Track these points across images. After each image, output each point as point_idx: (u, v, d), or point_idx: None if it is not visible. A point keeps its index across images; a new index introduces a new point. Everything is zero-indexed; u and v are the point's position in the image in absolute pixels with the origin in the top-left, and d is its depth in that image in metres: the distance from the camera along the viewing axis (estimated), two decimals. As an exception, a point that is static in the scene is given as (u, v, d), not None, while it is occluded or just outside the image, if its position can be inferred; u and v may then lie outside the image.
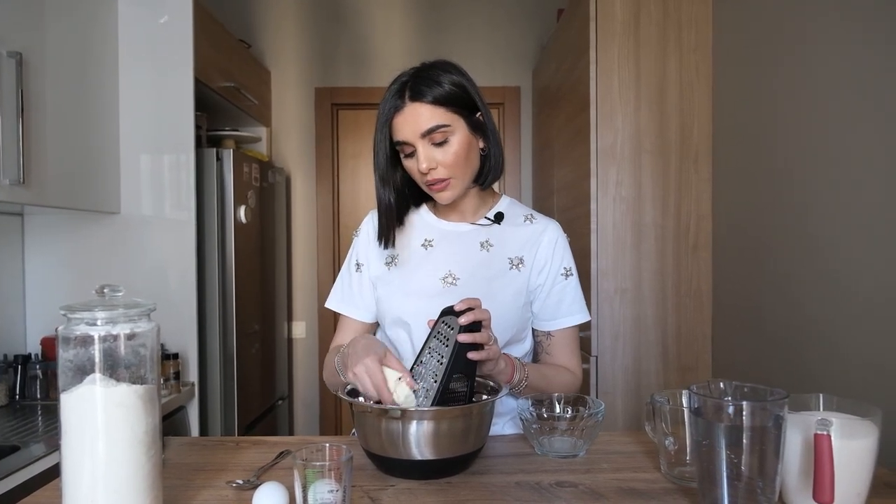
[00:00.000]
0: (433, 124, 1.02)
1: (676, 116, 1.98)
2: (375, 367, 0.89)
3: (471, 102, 1.07)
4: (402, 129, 1.04)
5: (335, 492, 0.70)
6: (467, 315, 0.89)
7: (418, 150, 1.04)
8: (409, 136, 1.04)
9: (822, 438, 0.69)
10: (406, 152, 1.07)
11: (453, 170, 1.05)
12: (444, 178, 1.05)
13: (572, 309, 1.16)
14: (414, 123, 1.03)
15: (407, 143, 1.05)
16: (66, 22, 1.81)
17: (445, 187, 1.06)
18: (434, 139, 1.03)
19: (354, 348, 0.95)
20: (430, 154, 1.04)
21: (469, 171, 1.08)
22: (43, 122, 1.69)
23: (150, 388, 0.72)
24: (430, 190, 1.08)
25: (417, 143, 1.04)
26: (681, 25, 1.98)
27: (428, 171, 1.04)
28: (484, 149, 1.11)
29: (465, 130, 1.06)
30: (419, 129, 1.03)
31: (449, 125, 1.03)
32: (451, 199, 1.09)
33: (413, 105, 1.03)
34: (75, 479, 0.68)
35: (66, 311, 0.69)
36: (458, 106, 1.04)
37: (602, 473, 0.90)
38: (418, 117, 1.03)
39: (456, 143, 1.04)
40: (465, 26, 3.14)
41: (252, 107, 2.83)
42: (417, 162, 1.04)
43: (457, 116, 1.05)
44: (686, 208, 1.99)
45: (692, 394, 0.76)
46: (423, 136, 1.03)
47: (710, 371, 1.98)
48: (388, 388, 0.88)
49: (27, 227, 2.08)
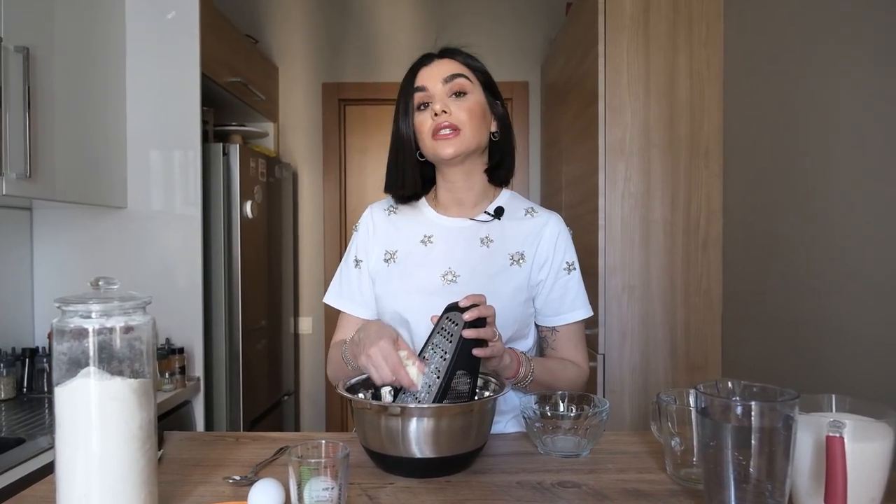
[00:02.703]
0: (457, 71, 1.08)
1: (686, 111, 1.95)
2: (390, 348, 0.89)
3: (492, 83, 1.13)
4: (426, 77, 1.09)
5: (331, 489, 0.69)
6: (472, 311, 0.88)
7: (435, 95, 1.08)
8: (431, 82, 1.08)
9: (835, 441, 0.67)
10: (420, 101, 1.09)
11: (464, 121, 1.07)
12: (453, 126, 1.06)
13: (575, 304, 1.14)
14: (437, 71, 1.08)
15: (426, 91, 1.08)
16: (74, 17, 1.81)
17: (453, 136, 1.06)
18: (454, 87, 1.07)
19: (367, 332, 0.95)
20: (446, 101, 1.07)
21: (478, 133, 1.09)
22: (50, 116, 1.69)
23: (146, 382, 0.71)
24: (435, 141, 1.07)
25: (437, 88, 1.07)
26: (691, 19, 1.94)
27: (440, 112, 1.06)
28: (495, 133, 1.13)
29: (483, 96, 1.11)
30: (442, 74, 1.08)
31: (471, 80, 1.09)
32: (453, 155, 1.06)
33: (441, 60, 1.10)
34: (69, 474, 0.67)
35: (60, 303, 0.68)
36: (481, 74, 1.11)
37: (606, 474, 0.88)
38: (443, 67, 1.09)
39: (472, 99, 1.08)
40: (472, 21, 3.12)
41: (259, 102, 2.82)
42: (432, 104, 1.07)
43: (477, 81, 1.10)
44: (696, 204, 1.96)
45: (699, 393, 0.74)
46: (445, 82, 1.07)
47: (720, 370, 1.95)
48: (405, 369, 0.88)
49: (35, 222, 2.09)
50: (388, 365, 0.88)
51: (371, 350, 0.89)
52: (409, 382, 0.88)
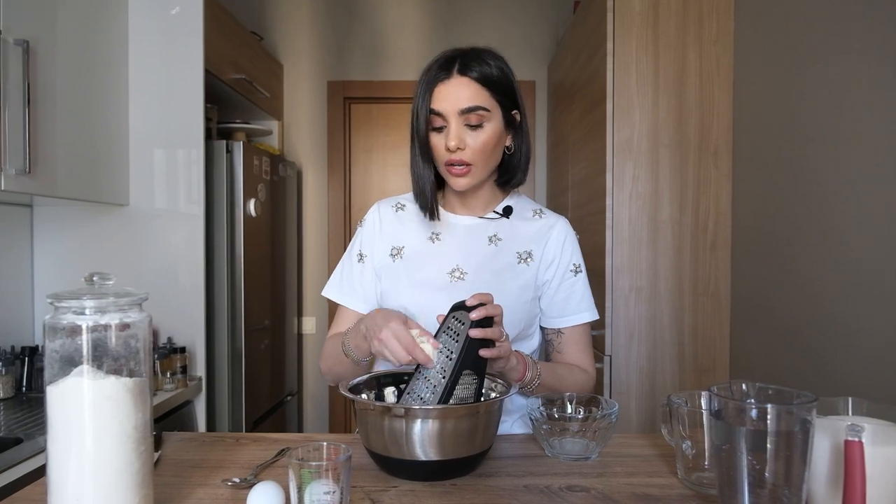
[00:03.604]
0: (474, 104, 1.01)
1: (696, 110, 1.92)
2: (402, 328, 0.88)
3: (512, 94, 1.06)
4: (443, 100, 1.02)
5: (332, 493, 0.67)
6: (479, 310, 0.86)
7: (451, 125, 1.02)
8: (448, 108, 1.02)
9: (854, 445, 0.65)
10: (436, 125, 1.04)
11: (478, 157, 1.03)
12: (466, 163, 1.03)
13: (581, 306, 1.13)
14: (456, 97, 1.01)
15: (442, 116, 1.03)
16: (76, 11, 1.79)
17: (465, 173, 1.04)
18: (470, 120, 1.02)
19: (373, 319, 0.93)
20: (461, 134, 1.02)
21: (490, 164, 1.07)
22: (51, 111, 1.67)
23: (142, 381, 0.69)
24: (447, 172, 1.05)
25: (452, 118, 1.02)
26: (701, 16, 1.92)
27: (455, 149, 1.02)
28: (510, 147, 1.09)
29: (500, 122, 1.05)
30: (460, 105, 1.01)
31: (489, 110, 1.02)
32: (466, 187, 1.06)
33: (460, 78, 1.02)
34: (61, 476, 0.65)
35: (52, 299, 0.66)
36: (500, 94, 1.04)
37: (615, 478, 0.86)
38: (462, 91, 1.01)
39: (489, 130, 1.03)
40: (479, 20, 3.10)
41: (263, 100, 2.81)
42: (447, 138, 1.02)
43: (496, 105, 1.04)
44: (704, 205, 1.93)
45: (713, 395, 0.71)
46: (461, 113, 1.01)
47: (728, 372, 1.92)
48: (419, 347, 0.86)
49: (36, 219, 2.08)
50: (403, 344, 0.87)
51: (383, 333, 0.88)
52: (424, 359, 0.87)
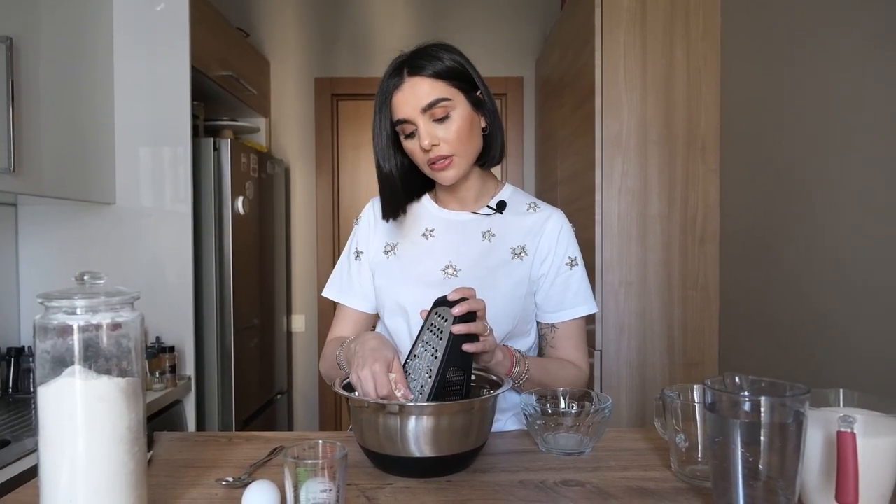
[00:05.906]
0: (434, 97, 1.00)
1: (684, 106, 1.93)
2: (382, 372, 0.85)
3: (470, 79, 1.04)
4: (403, 107, 1.01)
5: (328, 491, 0.67)
6: (461, 305, 0.85)
7: (419, 126, 1.01)
8: (410, 112, 1.01)
9: (846, 436, 0.65)
10: (407, 132, 1.03)
11: (455, 146, 1.02)
12: (446, 156, 1.02)
13: (577, 300, 1.12)
14: (414, 98, 1.00)
15: (408, 122, 1.01)
16: (60, 7, 1.76)
17: (448, 165, 1.03)
18: (435, 114, 1.00)
19: (363, 348, 0.90)
20: (431, 130, 1.01)
21: (472, 148, 1.05)
22: (35, 109, 1.65)
23: (134, 381, 0.68)
24: (432, 170, 1.04)
25: (418, 119, 1.01)
26: (688, 13, 1.93)
27: (430, 147, 1.01)
28: (486, 128, 1.08)
29: (467, 106, 1.03)
30: (420, 104, 1.00)
31: (450, 99, 1.01)
32: (454, 179, 1.05)
33: (412, 80, 1.01)
34: (53, 478, 0.64)
35: (43, 298, 0.65)
36: (457, 80, 1.02)
37: (610, 472, 0.86)
38: (418, 91, 1.00)
39: (458, 118, 1.02)
40: (467, 16, 3.09)
41: (251, 97, 2.78)
42: (419, 139, 1.01)
43: (457, 91, 1.02)
44: (693, 200, 1.94)
45: (707, 388, 0.72)
46: (424, 111, 1.00)
47: (717, 366, 1.94)
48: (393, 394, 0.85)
49: (21, 218, 2.04)
50: (377, 389, 0.85)
51: (363, 372, 0.86)
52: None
